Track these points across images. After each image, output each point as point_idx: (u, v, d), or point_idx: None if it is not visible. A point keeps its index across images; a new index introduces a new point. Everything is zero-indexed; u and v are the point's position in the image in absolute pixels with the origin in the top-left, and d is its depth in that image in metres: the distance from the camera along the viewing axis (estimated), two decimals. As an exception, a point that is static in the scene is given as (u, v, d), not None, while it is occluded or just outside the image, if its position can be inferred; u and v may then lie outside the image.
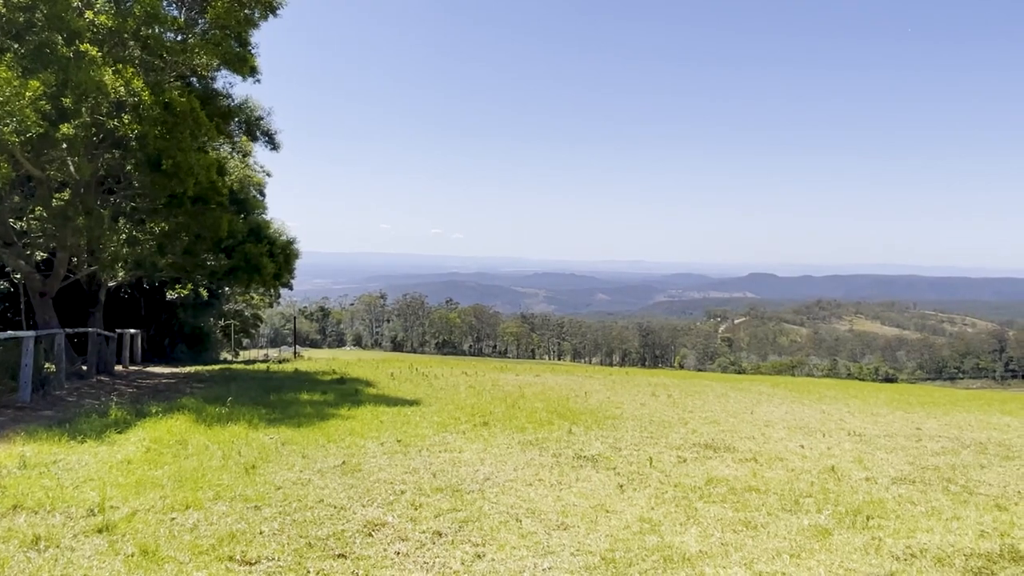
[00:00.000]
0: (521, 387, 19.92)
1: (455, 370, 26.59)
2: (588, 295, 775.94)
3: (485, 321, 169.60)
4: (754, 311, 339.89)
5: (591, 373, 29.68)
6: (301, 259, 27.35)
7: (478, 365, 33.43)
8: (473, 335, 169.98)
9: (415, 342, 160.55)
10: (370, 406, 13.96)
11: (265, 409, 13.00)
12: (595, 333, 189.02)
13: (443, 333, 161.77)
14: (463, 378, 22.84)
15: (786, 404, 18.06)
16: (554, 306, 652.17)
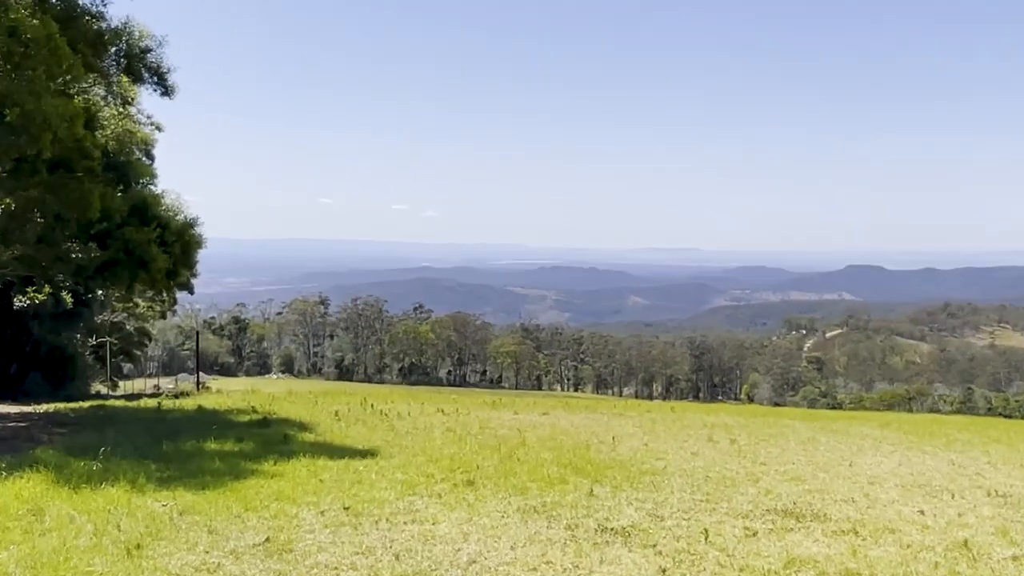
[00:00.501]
0: (522, 430, 19.96)
1: (428, 406, 26.58)
2: (617, 298, 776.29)
3: (470, 336, 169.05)
4: (854, 319, 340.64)
5: (621, 410, 29.58)
6: (206, 249, 27.31)
7: (461, 399, 33.38)
8: (453, 356, 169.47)
9: (370, 367, 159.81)
10: (306, 459, 13.95)
11: (156, 464, 13.00)
12: (627, 352, 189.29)
13: (411, 354, 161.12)
14: (439, 418, 22.83)
15: (899, 452, 18.17)
16: (569, 313, 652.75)
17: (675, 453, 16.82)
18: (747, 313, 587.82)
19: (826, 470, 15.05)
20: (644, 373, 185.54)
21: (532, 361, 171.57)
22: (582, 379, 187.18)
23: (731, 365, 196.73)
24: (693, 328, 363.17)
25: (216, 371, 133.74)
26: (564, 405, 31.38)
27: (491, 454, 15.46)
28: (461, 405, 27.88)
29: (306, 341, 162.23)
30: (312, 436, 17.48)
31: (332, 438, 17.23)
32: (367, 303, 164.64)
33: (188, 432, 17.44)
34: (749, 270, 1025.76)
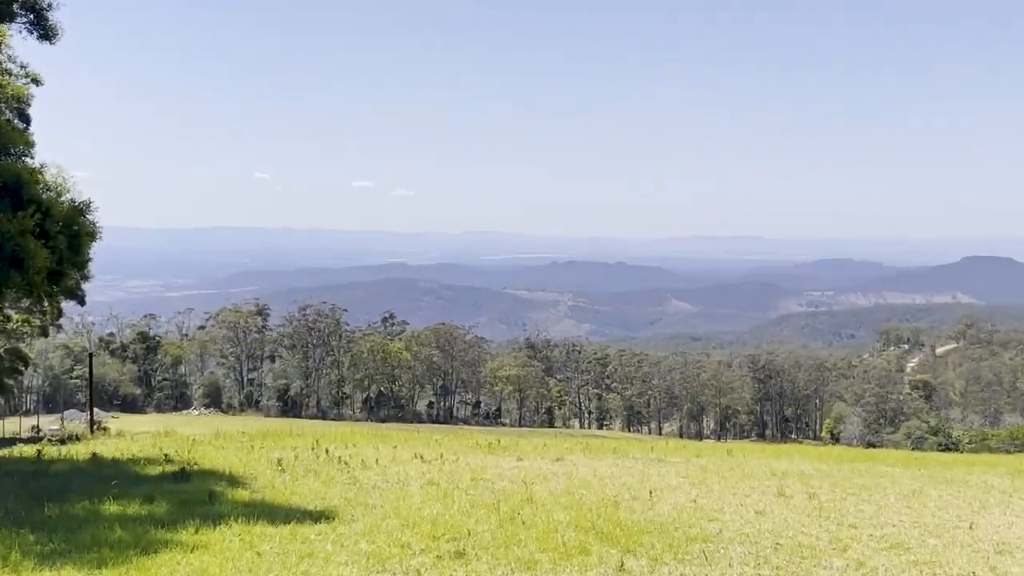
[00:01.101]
0: (528, 482, 20.01)
1: (402, 450, 26.53)
2: (654, 303, 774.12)
3: (458, 355, 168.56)
4: (974, 329, 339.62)
5: (661, 453, 29.43)
6: (102, 242, 27.22)
7: (446, 440, 33.24)
8: (436, 383, 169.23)
9: (325, 398, 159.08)
10: (238, 524, 13.91)
11: (35, 535, 12.94)
12: (668, 376, 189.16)
13: (379, 380, 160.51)
14: (417, 466, 22.92)
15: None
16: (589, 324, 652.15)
17: (734, 512, 16.79)
18: (828, 322, 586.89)
19: (938, 535, 15.03)
20: (691, 404, 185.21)
21: (541, 388, 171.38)
22: (608, 412, 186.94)
23: (808, 392, 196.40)
24: (756, 342, 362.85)
25: (117, 406, 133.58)
26: (584, 447, 31.35)
27: (487, 515, 15.43)
28: (447, 448, 27.85)
29: (238, 365, 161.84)
30: (247, 493, 17.47)
31: (274, 496, 17.23)
32: (320, 313, 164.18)
33: (79, 490, 17.41)
34: (831, 264, 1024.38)
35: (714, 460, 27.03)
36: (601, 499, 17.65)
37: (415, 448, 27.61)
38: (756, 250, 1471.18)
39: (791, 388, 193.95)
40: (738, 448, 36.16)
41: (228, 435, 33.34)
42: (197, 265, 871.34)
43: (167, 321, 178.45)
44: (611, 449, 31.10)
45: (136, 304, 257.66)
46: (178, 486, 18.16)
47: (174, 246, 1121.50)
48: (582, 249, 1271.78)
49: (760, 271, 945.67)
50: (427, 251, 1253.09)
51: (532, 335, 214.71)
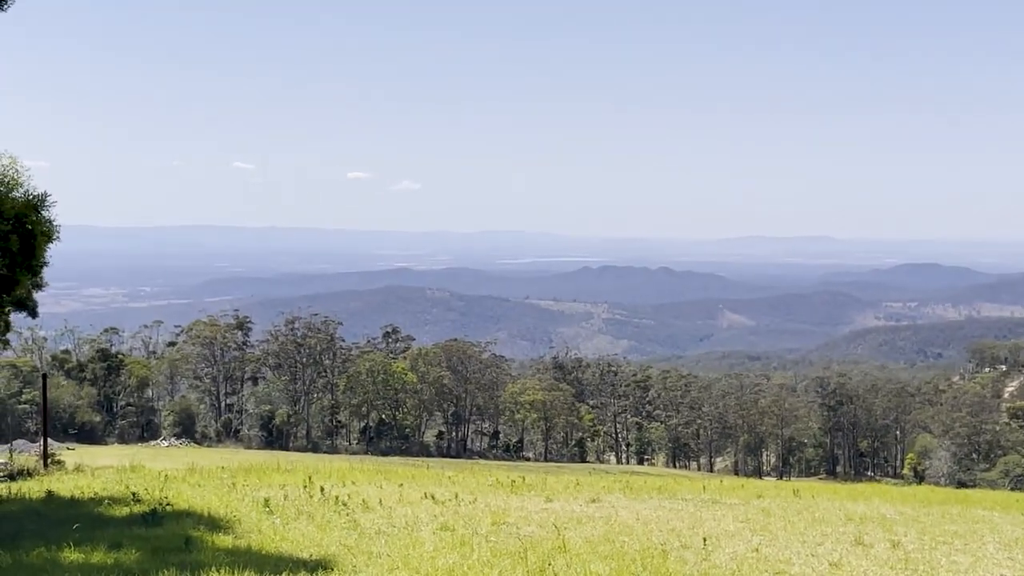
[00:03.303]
0: (560, 527, 19.97)
1: (409, 489, 26.52)
2: (704, 315, 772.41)
3: (473, 377, 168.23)
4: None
5: (715, 494, 29.35)
6: (59, 243, 27.38)
7: (461, 477, 33.21)
8: (447, 410, 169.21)
9: (317, 427, 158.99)
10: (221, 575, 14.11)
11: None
12: (720, 402, 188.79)
13: (380, 406, 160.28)
14: (428, 508, 22.98)
15: None
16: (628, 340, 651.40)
17: (803, 564, 16.77)
18: (911, 338, 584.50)
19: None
20: (748, 435, 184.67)
21: (570, 417, 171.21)
22: (650, 444, 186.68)
23: (887, 422, 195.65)
24: (825, 362, 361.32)
25: (74, 436, 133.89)
26: (624, 486, 31.35)
27: (512, 566, 15.45)
28: (462, 487, 27.88)
29: (214, 387, 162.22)
30: (230, 539, 17.53)
31: (261, 542, 17.27)
32: (310, 327, 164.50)
33: (33, 535, 17.50)
34: (913, 270, 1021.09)
35: (778, 502, 27.02)
36: (646, 547, 17.64)
37: (425, 486, 27.66)
38: (824, 253, 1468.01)
39: (867, 417, 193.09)
40: (805, 487, 36.11)
41: (205, 470, 33.43)
42: (167, 270, 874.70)
43: (132, 336, 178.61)
44: (655, 488, 31.11)
45: (96, 316, 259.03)
46: (149, 530, 18.23)
47: (140, 248, 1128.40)
48: (620, 252, 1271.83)
49: (829, 278, 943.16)
50: (436, 254, 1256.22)
51: (560, 353, 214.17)
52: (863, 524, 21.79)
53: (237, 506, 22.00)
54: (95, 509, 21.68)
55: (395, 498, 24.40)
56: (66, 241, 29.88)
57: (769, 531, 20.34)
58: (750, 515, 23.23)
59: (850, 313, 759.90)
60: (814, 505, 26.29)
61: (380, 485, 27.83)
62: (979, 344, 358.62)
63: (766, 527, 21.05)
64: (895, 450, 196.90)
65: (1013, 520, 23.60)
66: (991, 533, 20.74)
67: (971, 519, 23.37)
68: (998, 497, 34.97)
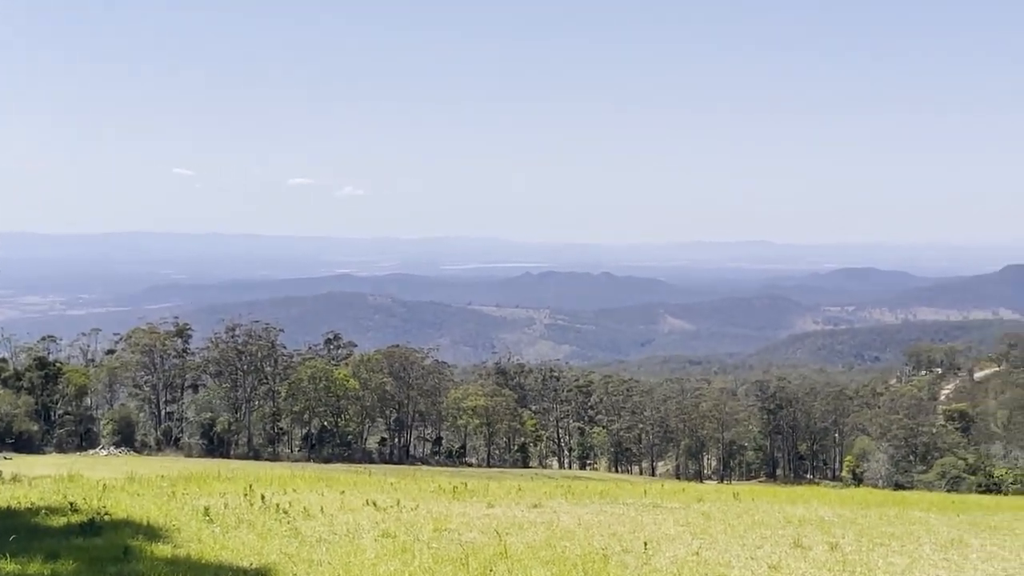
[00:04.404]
0: (501, 532, 20.06)
1: (351, 496, 26.36)
2: (645, 320, 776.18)
3: (415, 383, 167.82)
4: (1020, 349, 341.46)
5: (656, 498, 29.41)
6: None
7: (403, 484, 33.11)
8: (389, 416, 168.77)
9: (258, 435, 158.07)
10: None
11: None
12: (662, 406, 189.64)
13: (322, 413, 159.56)
14: (369, 515, 23.00)
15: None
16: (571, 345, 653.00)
17: (743, 567, 16.84)
18: (850, 342, 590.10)
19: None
20: (689, 439, 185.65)
21: (513, 422, 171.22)
22: (592, 449, 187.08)
23: (825, 425, 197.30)
24: (765, 366, 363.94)
25: (10, 445, 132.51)
26: (566, 491, 31.36)
27: (454, 573, 15.43)
28: (404, 494, 27.79)
29: (154, 396, 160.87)
30: (168, 548, 17.39)
31: (201, 551, 17.14)
32: (251, 334, 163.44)
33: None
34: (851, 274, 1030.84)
35: (718, 505, 27.15)
36: (587, 552, 17.66)
37: (367, 493, 27.55)
38: (764, 258, 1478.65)
39: (806, 420, 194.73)
40: (745, 491, 36.29)
41: (145, 479, 33.14)
42: (106, 278, 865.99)
43: (70, 344, 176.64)
44: (597, 493, 31.17)
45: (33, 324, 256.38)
46: (87, 540, 18.03)
47: (79, 255, 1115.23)
48: (562, 257, 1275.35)
49: (769, 283, 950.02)
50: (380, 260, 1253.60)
51: (503, 359, 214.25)
52: (802, 526, 21.93)
53: (176, 515, 21.81)
54: (32, 520, 21.42)
55: (337, 505, 24.29)
56: (3, 248, 29.50)
57: (709, 534, 20.42)
58: (691, 519, 23.32)
59: (789, 317, 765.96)
60: (754, 508, 26.43)
61: (322, 492, 27.70)
62: (916, 348, 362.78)
63: (706, 530, 21.14)
64: (834, 452, 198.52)
65: (949, 521, 23.82)
66: (927, 535, 20.93)
67: (908, 521, 23.57)
68: (935, 499, 35.33)
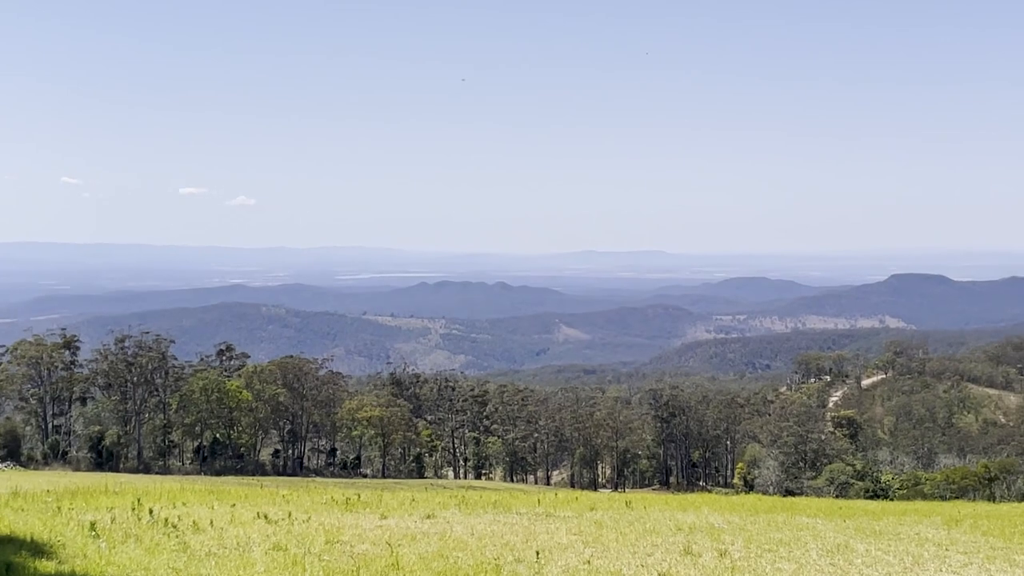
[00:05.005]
0: (393, 544, 19.99)
1: (243, 509, 26.06)
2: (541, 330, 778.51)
3: (309, 393, 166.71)
4: (904, 358, 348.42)
5: (549, 507, 29.42)
6: None
7: (295, 495, 32.82)
8: (283, 427, 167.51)
9: (148, 447, 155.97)
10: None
11: None
12: (556, 415, 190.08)
13: (214, 425, 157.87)
14: (260, 528, 22.78)
15: (976, 565, 18.80)
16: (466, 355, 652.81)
17: (634, 575, 16.89)
18: (741, 351, 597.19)
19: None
20: (584, 448, 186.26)
21: (408, 432, 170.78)
22: (488, 459, 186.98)
23: (717, 432, 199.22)
24: (658, 375, 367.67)
25: None
26: (460, 501, 31.29)
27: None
28: (296, 506, 27.55)
29: (41, 408, 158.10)
30: (53, 565, 17.06)
31: (86, 568, 16.85)
32: (141, 345, 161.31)
33: None
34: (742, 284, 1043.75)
35: (611, 513, 27.26)
36: (479, 563, 17.65)
37: (258, 506, 27.30)
38: (657, 267, 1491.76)
39: (699, 428, 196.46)
40: (638, 499, 36.53)
41: (30, 494, 32.50)
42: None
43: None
44: (491, 503, 31.15)
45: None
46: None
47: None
48: (457, 268, 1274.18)
49: (662, 292, 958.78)
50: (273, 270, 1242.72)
51: (398, 369, 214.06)
52: (692, 534, 22.10)
53: (62, 530, 21.40)
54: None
55: (227, 519, 24.01)
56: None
57: (601, 543, 20.49)
58: (583, 527, 23.39)
59: (682, 326, 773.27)
60: (646, 516, 26.59)
61: (212, 506, 27.37)
62: (805, 356, 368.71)
63: (598, 539, 21.21)
64: (726, 460, 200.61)
65: (836, 527, 24.16)
66: (814, 540, 21.20)
67: (796, 527, 23.86)
68: (822, 504, 35.85)
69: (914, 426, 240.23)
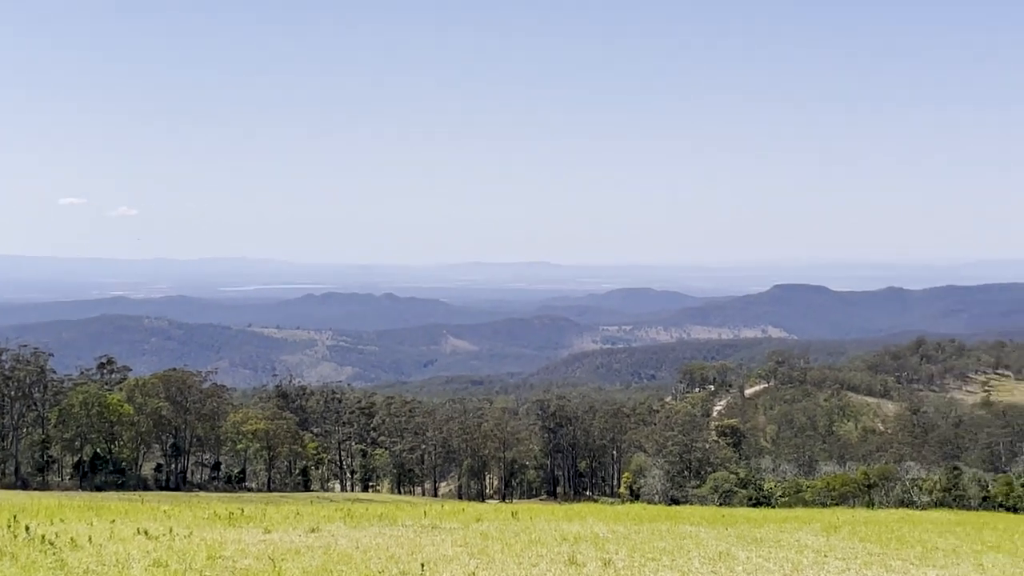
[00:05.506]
0: (277, 559, 19.90)
1: (123, 525, 25.64)
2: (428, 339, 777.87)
3: (193, 407, 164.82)
4: (786, 367, 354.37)
5: (436, 518, 29.38)
6: None
7: (177, 511, 32.41)
8: (165, 441, 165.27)
9: (26, 463, 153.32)
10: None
11: None
12: (444, 426, 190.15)
13: (94, 439, 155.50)
14: (141, 544, 22.47)
15: (854, 571, 19.09)
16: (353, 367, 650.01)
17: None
18: (627, 361, 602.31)
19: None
20: (472, 459, 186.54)
21: (294, 445, 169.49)
22: (375, 471, 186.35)
23: (604, 442, 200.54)
24: (546, 385, 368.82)
25: None
26: (345, 514, 31.10)
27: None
28: (177, 521, 27.20)
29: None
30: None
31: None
32: (18, 358, 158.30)
33: None
34: (628, 295, 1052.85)
35: (497, 525, 27.28)
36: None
37: (139, 522, 26.87)
38: (544, 278, 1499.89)
39: (585, 438, 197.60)
40: (524, 509, 36.58)
41: None
42: None
43: None
44: (377, 515, 31.02)
45: None
46: None
47: None
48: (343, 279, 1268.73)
49: (549, 303, 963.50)
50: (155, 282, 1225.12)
51: (284, 381, 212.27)
52: (577, 544, 22.19)
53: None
54: None
55: (106, 535, 23.59)
56: None
57: (487, 554, 20.49)
58: (469, 539, 23.38)
59: (569, 337, 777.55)
60: (532, 527, 26.64)
61: (91, 522, 26.87)
62: (689, 365, 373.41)
63: (484, 550, 21.21)
64: (612, 469, 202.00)
65: (718, 534, 24.42)
66: (697, 548, 21.41)
67: (679, 535, 24.07)
68: (705, 513, 36.25)
69: (796, 434, 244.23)
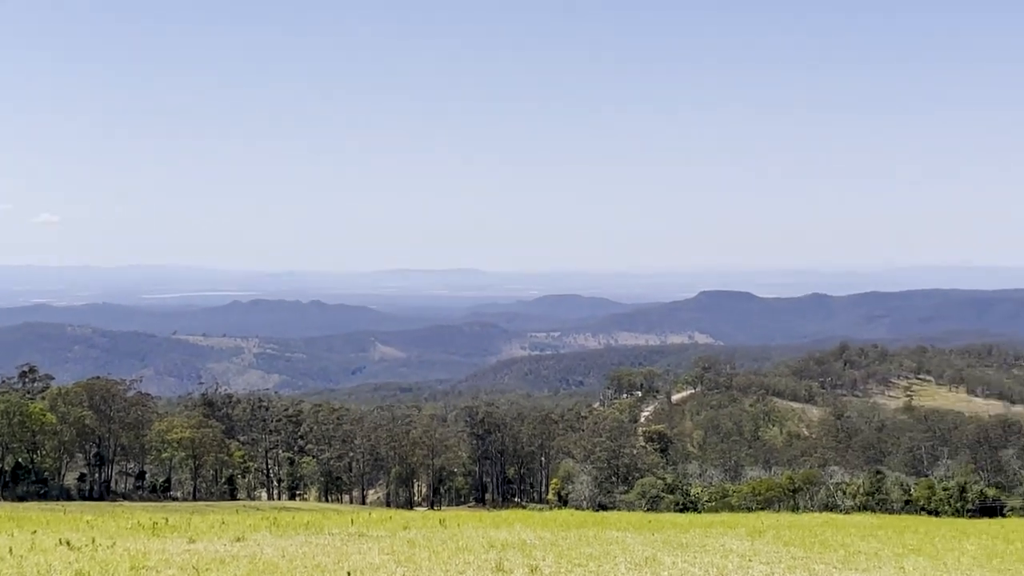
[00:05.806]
0: (201, 569, 19.83)
1: (44, 535, 25.36)
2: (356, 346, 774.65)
3: (117, 416, 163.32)
4: (712, 373, 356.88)
5: (363, 526, 29.28)
6: None
7: (100, 521, 32.05)
8: (89, 450, 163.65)
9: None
10: None
11: None
12: (372, 434, 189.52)
13: (16, 449, 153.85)
14: (63, 555, 22.15)
15: (779, 575, 19.28)
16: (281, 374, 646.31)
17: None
18: (555, 367, 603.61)
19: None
20: (400, 466, 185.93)
21: (220, 454, 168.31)
22: (302, 479, 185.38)
23: (533, 448, 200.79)
24: (474, 392, 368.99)
25: None
26: (271, 523, 30.96)
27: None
28: (100, 532, 26.91)
29: None
30: None
31: None
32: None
33: None
34: (556, 301, 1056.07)
35: (424, 532, 27.26)
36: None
37: (61, 532, 26.56)
38: (472, 285, 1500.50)
39: (514, 445, 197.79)
40: (452, 517, 36.58)
41: None
42: None
43: None
44: (304, 524, 30.88)
45: None
46: None
47: None
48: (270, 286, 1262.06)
49: (477, 309, 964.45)
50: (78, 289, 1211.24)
51: (210, 389, 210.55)
52: (505, 551, 22.22)
53: None
54: None
55: (27, 546, 23.28)
56: None
57: (414, 562, 20.47)
58: (396, 547, 23.35)
59: (498, 343, 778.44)
60: (459, 534, 26.64)
61: (12, 533, 26.51)
62: (617, 372, 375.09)
63: (411, 558, 21.19)
64: (541, 476, 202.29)
65: (644, 540, 24.54)
66: (623, 553, 21.51)
67: (606, 541, 24.17)
68: (632, 518, 36.43)
69: (722, 439, 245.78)
